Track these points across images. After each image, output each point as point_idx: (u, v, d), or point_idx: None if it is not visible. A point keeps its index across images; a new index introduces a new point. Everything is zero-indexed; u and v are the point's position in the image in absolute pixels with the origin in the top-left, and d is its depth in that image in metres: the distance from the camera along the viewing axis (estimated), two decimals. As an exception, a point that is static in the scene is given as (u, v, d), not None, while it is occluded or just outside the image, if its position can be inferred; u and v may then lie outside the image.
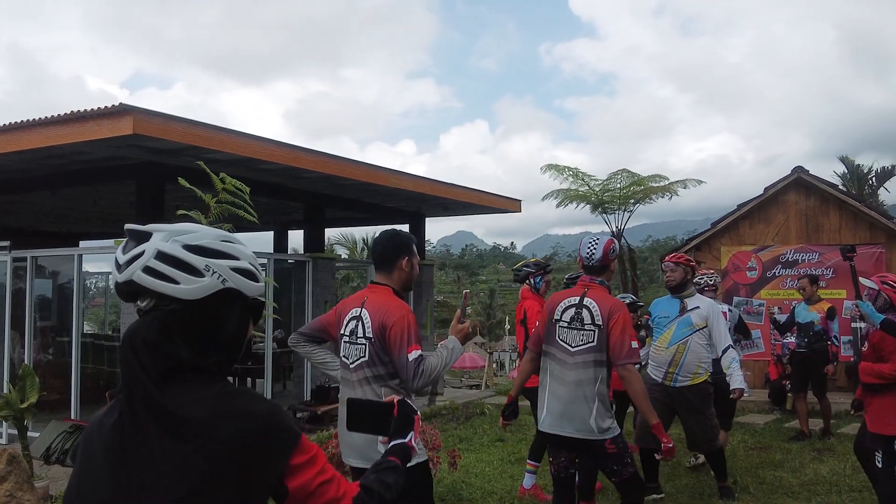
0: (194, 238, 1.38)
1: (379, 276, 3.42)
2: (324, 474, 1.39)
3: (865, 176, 28.91)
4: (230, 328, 1.41)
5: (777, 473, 6.68)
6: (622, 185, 15.51)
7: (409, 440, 1.74)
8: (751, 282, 11.14)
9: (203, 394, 1.30)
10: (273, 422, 1.31)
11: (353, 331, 3.34)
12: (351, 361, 3.33)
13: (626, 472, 3.90)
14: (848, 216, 11.09)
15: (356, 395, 3.21)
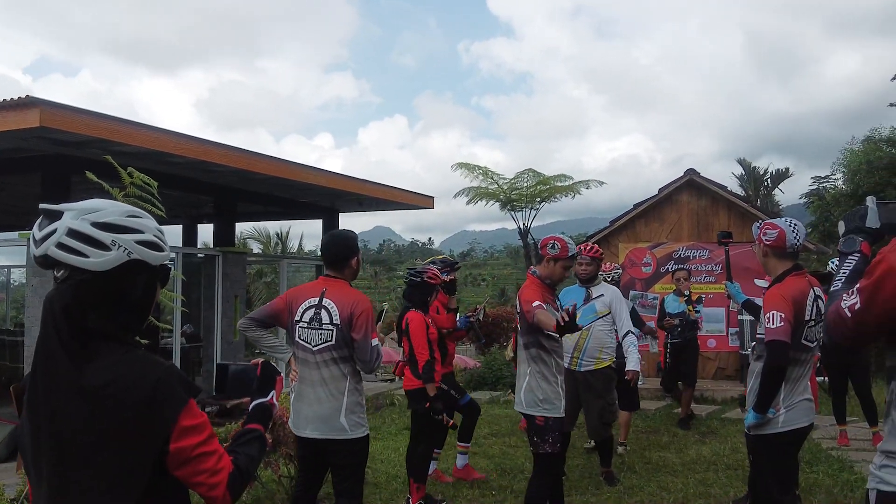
0: (101, 215, 1.58)
1: (331, 271, 3.94)
2: (206, 446, 1.57)
3: (762, 177, 30.67)
4: (137, 294, 1.62)
5: (662, 454, 7.22)
6: (529, 185, 16.10)
7: (271, 398, 1.94)
8: (646, 277, 11.80)
9: (108, 360, 1.51)
10: (162, 387, 1.52)
11: (315, 318, 3.81)
12: (314, 345, 3.79)
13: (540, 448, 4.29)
14: (736, 216, 11.89)
15: (320, 376, 3.72)
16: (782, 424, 3.62)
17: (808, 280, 3.70)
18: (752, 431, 3.70)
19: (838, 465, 6.53)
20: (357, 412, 3.79)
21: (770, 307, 3.57)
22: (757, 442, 3.72)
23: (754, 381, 3.69)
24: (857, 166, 28.34)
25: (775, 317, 3.52)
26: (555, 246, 4.42)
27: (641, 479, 6.26)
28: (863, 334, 1.82)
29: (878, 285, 1.72)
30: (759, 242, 3.77)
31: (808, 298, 3.61)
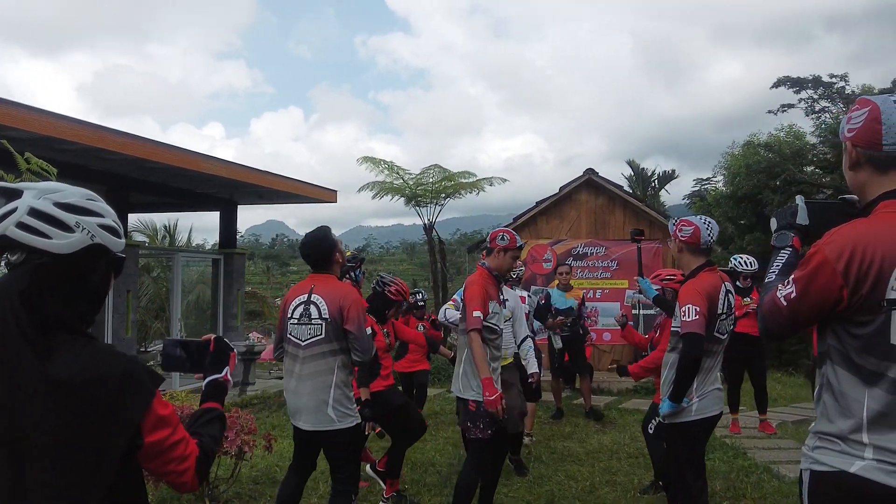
0: (64, 196, 1.50)
1: (318, 270, 4.09)
2: (176, 434, 1.55)
3: (649, 178, 32.05)
4: (96, 281, 1.54)
5: (566, 444, 7.43)
6: (434, 180, 16.15)
7: (225, 374, 1.88)
8: (546, 272, 12.10)
9: (71, 352, 1.42)
10: (131, 379, 1.46)
11: (304, 314, 3.96)
12: (303, 340, 3.95)
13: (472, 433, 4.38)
14: (631, 214, 12.37)
15: (308, 370, 3.85)
16: (695, 413, 3.80)
17: (719, 275, 3.89)
18: (668, 420, 3.85)
19: (733, 452, 6.92)
20: (345, 404, 3.93)
21: (685, 301, 3.73)
22: (672, 430, 3.89)
23: (669, 372, 3.85)
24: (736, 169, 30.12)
25: (691, 310, 3.69)
26: (504, 237, 4.54)
27: (549, 469, 6.42)
28: (796, 323, 1.92)
29: (813, 276, 1.83)
30: (675, 238, 3.94)
31: (720, 293, 3.80)
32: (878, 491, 1.76)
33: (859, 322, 1.81)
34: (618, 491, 5.71)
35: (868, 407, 1.80)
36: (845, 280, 1.77)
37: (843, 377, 1.85)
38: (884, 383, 1.78)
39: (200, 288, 17.64)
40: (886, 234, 1.78)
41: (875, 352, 1.79)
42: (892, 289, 1.75)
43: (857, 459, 1.81)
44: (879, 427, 1.79)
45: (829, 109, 31.13)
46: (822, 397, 1.93)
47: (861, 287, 1.77)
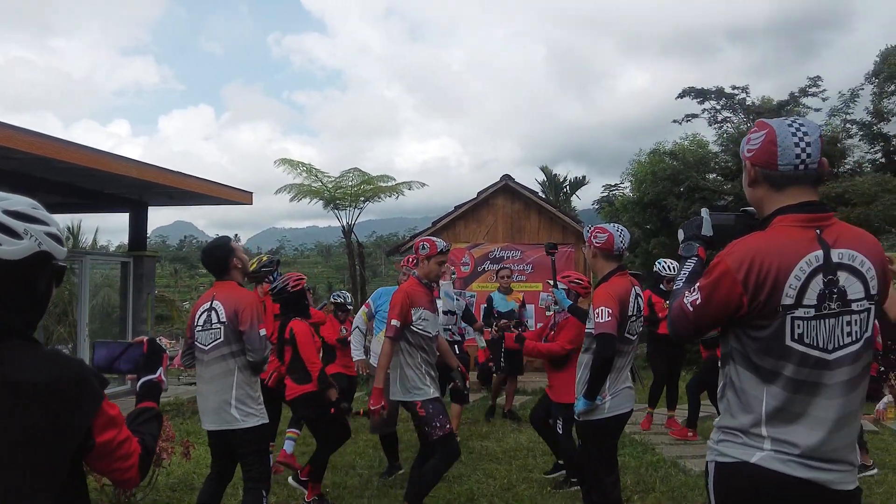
0: (11, 204, 1.53)
1: (220, 278, 4.23)
2: (122, 434, 1.61)
3: (561, 184, 32.87)
4: (42, 288, 1.58)
5: (484, 443, 7.61)
6: (353, 183, 16.17)
7: (159, 375, 1.95)
8: (464, 276, 12.31)
9: (24, 357, 1.46)
10: (83, 383, 1.50)
11: (207, 320, 4.15)
12: (206, 344, 4.14)
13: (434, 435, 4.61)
14: (546, 220, 12.73)
15: (212, 372, 3.99)
16: (608, 410, 4.01)
17: (629, 280, 4.13)
18: (582, 417, 4.05)
19: (642, 447, 7.25)
20: (248, 403, 4.06)
21: (599, 303, 3.94)
22: (586, 427, 4.09)
23: (584, 372, 4.05)
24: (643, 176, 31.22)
25: (603, 312, 3.90)
26: (424, 246, 4.75)
27: (467, 469, 6.57)
28: (701, 327, 2.10)
29: (716, 284, 2.00)
30: (590, 244, 4.15)
31: (630, 296, 4.03)
32: (775, 479, 1.94)
33: (758, 326, 1.97)
34: (534, 487, 5.91)
35: (766, 403, 1.97)
36: (745, 288, 1.94)
37: (744, 376, 2.02)
38: (780, 381, 1.96)
39: (106, 291, 17.04)
40: (781, 246, 1.96)
41: (772, 353, 1.96)
42: (786, 296, 1.93)
43: (757, 451, 1.97)
44: (776, 421, 1.96)
45: (730, 120, 32.67)
46: (725, 394, 2.10)
47: (759, 294, 1.94)
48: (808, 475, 1.93)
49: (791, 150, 1.99)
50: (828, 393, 1.96)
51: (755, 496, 1.98)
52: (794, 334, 1.95)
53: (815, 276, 1.95)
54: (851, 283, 1.98)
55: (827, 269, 1.95)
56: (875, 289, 2.01)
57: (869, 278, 2.00)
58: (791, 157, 1.99)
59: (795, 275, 1.94)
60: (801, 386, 1.96)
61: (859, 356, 2.00)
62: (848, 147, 31.82)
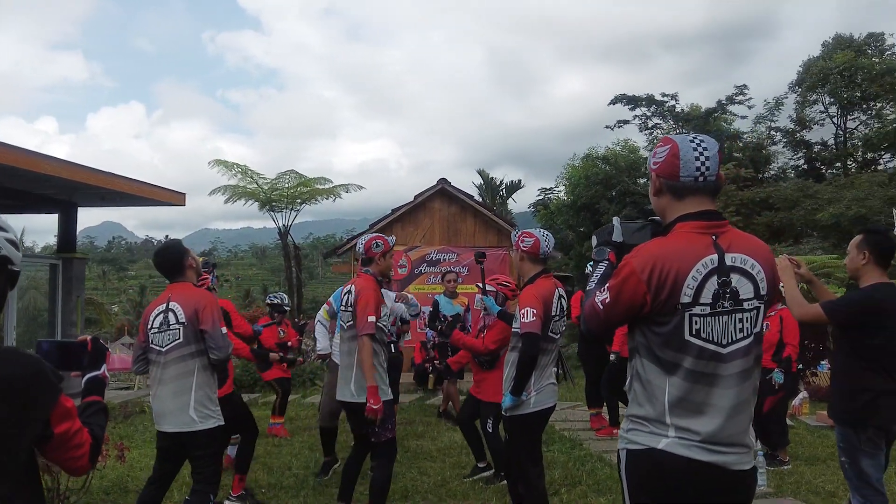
0: None
1: (174, 279, 4.24)
2: (76, 424, 1.73)
3: (498, 187, 33.39)
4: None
5: (419, 442, 7.76)
6: (290, 185, 16.10)
7: (103, 372, 2.06)
8: (401, 278, 12.45)
9: None
10: (41, 377, 1.60)
11: (164, 322, 4.13)
12: (164, 346, 4.11)
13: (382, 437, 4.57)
14: (481, 223, 12.98)
15: (170, 374, 3.99)
16: (533, 405, 4.22)
17: (553, 282, 4.35)
18: (509, 413, 4.25)
19: (570, 443, 7.53)
20: (206, 405, 4.08)
21: (524, 304, 4.15)
22: (513, 422, 4.28)
23: (510, 370, 4.24)
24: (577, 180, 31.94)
25: (529, 312, 4.11)
26: (378, 244, 4.74)
27: (403, 467, 6.70)
28: (610, 323, 2.30)
29: (623, 284, 2.20)
30: (517, 248, 4.37)
31: (554, 297, 4.25)
32: (680, 463, 2.14)
33: (660, 322, 2.17)
34: (466, 484, 6.09)
35: (669, 392, 2.18)
36: (648, 287, 2.14)
37: (649, 368, 2.22)
38: (680, 372, 2.16)
39: (32, 294, 16.55)
40: (681, 250, 2.17)
41: (673, 346, 2.17)
42: (685, 295, 2.14)
43: (662, 437, 2.17)
44: (678, 409, 2.17)
45: (660, 126, 33.76)
46: (633, 386, 2.30)
47: (661, 293, 2.14)
48: (709, 458, 2.13)
49: (692, 164, 2.19)
50: (723, 383, 2.17)
51: (662, 479, 2.17)
52: (691, 330, 2.15)
53: (710, 277, 2.16)
54: (743, 284, 2.19)
55: (721, 271, 2.17)
56: (764, 290, 2.24)
57: (759, 280, 2.22)
58: (691, 170, 2.19)
59: (693, 276, 2.14)
60: (700, 377, 2.16)
61: (750, 349, 2.21)
62: (772, 153, 33.28)
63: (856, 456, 3.86)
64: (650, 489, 2.21)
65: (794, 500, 5.56)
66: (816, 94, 29.98)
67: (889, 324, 3.85)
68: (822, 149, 31.79)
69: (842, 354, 4.05)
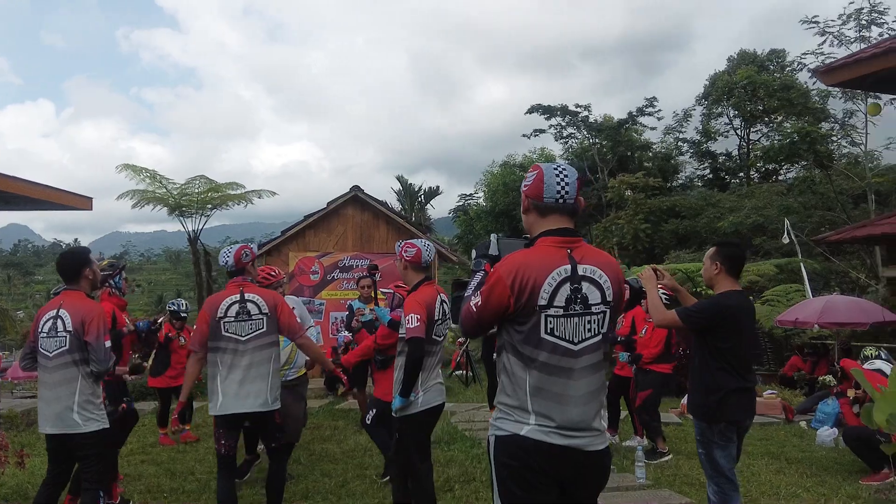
0: None
1: (70, 286, 4.38)
2: None
3: (416, 193, 33.70)
4: None
5: (325, 446, 7.94)
6: (200, 191, 15.94)
7: None
8: (313, 284, 12.57)
9: None
10: None
11: (52, 327, 4.26)
12: (51, 351, 4.25)
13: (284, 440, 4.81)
14: (394, 229, 13.22)
15: (55, 378, 4.14)
16: (422, 404, 4.48)
17: (435, 288, 4.65)
18: (399, 413, 4.50)
19: (470, 442, 7.84)
20: (90, 409, 4.21)
21: (409, 311, 4.42)
22: (403, 422, 4.53)
23: (399, 373, 4.50)
24: (495, 187, 32.59)
25: (413, 318, 4.38)
26: (247, 254, 4.84)
27: (306, 469, 6.88)
28: (482, 323, 2.64)
29: (492, 289, 2.55)
30: (401, 258, 4.65)
31: (436, 302, 4.54)
32: (541, 447, 2.50)
33: (521, 322, 2.54)
34: (366, 483, 6.31)
35: (529, 384, 2.54)
36: (512, 292, 2.50)
37: (513, 362, 2.58)
38: (538, 366, 2.53)
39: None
40: (540, 260, 2.55)
41: (531, 342, 2.53)
42: (541, 298, 2.51)
43: (525, 425, 2.53)
44: (538, 399, 2.53)
45: (574, 136, 34.78)
46: (501, 378, 2.65)
47: (522, 297, 2.51)
48: (565, 442, 2.51)
49: (554, 188, 2.60)
50: (575, 375, 2.55)
51: (525, 462, 2.52)
52: (547, 328, 2.52)
53: (563, 284, 2.54)
54: (592, 291, 2.59)
55: (573, 279, 2.55)
56: (610, 297, 2.63)
57: (606, 288, 2.62)
58: (553, 193, 2.59)
59: (549, 282, 2.52)
60: (555, 370, 2.53)
61: (598, 347, 2.59)
62: (680, 163, 34.74)
63: (710, 448, 4.29)
64: (512, 466, 2.54)
65: (670, 491, 6.00)
66: (721, 107, 31.47)
67: (738, 328, 4.29)
68: (727, 159, 33.38)
69: (698, 356, 4.48)
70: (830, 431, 8.01)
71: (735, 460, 4.34)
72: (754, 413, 4.54)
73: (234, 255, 4.78)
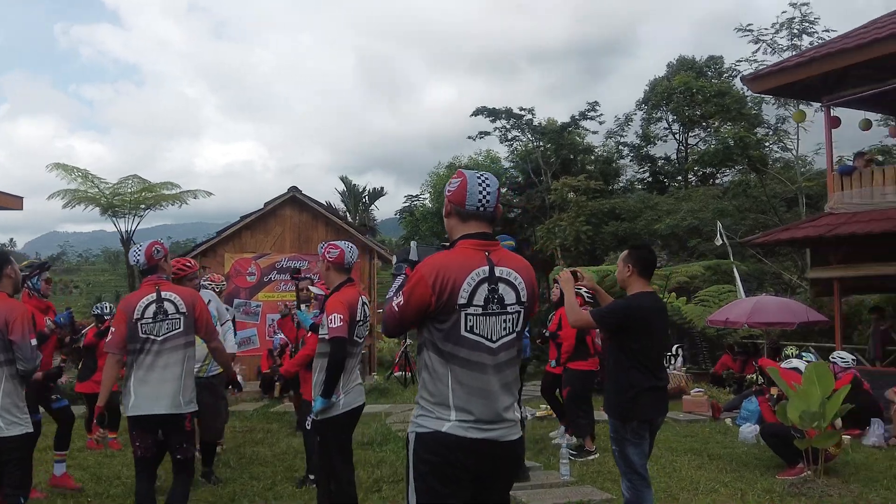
0: None
1: None
2: None
3: (361, 194, 33.56)
4: None
5: (256, 449, 7.88)
6: (133, 191, 15.61)
7: None
8: (250, 286, 12.44)
9: None
10: None
11: None
12: None
13: (191, 452, 4.58)
14: (333, 231, 13.18)
15: None
16: (343, 406, 4.48)
17: (357, 289, 4.68)
18: (320, 416, 4.49)
19: (402, 443, 7.85)
20: (13, 412, 4.10)
21: (331, 311, 4.43)
22: (324, 424, 4.53)
23: (319, 374, 4.49)
24: (441, 188, 32.61)
25: (336, 318, 4.39)
26: (159, 250, 4.66)
27: (235, 472, 6.83)
28: (406, 322, 2.73)
29: (413, 288, 2.65)
30: (324, 259, 4.66)
31: (358, 304, 4.56)
32: (462, 442, 2.60)
33: (442, 320, 2.65)
34: (294, 485, 6.28)
35: (451, 380, 2.64)
36: (433, 291, 2.61)
37: (434, 359, 2.68)
38: (458, 361, 2.64)
39: None
40: (459, 261, 2.68)
41: (451, 340, 2.64)
42: (461, 297, 2.63)
43: (445, 421, 2.63)
44: (458, 395, 2.63)
45: (519, 138, 35.06)
46: (422, 375, 2.74)
47: (443, 296, 2.62)
48: (483, 436, 2.63)
49: (476, 195, 2.73)
50: (492, 371, 2.68)
51: (446, 458, 2.61)
52: (467, 326, 2.64)
53: (482, 284, 2.67)
54: (508, 292, 2.73)
55: (491, 280, 2.69)
56: (524, 297, 2.78)
57: (520, 290, 2.76)
58: (475, 200, 2.73)
59: (468, 282, 2.64)
60: (474, 365, 2.65)
61: (513, 344, 2.75)
62: (621, 167, 35.35)
63: (623, 445, 4.42)
64: (432, 462, 2.62)
65: (593, 487, 6.14)
66: (661, 111, 32.13)
67: (649, 328, 4.43)
68: (666, 163, 34.09)
69: (611, 356, 4.61)
70: (752, 428, 8.27)
71: (647, 456, 4.49)
72: (666, 411, 4.70)
73: (145, 253, 4.59)
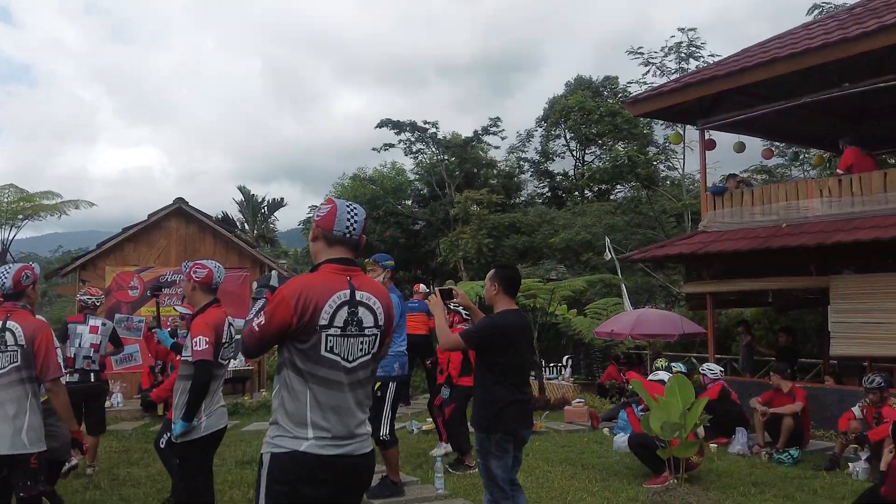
0: None
1: None
2: None
3: (260, 204, 32.94)
4: None
5: (130, 470, 7.62)
6: (10, 200, 14.81)
7: None
8: (132, 300, 12.03)
9: None
10: None
11: None
12: None
13: (36, 489, 4.18)
14: (222, 244, 12.92)
15: None
16: (205, 429, 4.41)
17: (223, 311, 4.61)
18: (180, 440, 4.39)
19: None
20: None
21: (196, 333, 4.35)
22: (185, 447, 4.43)
23: (181, 397, 4.39)
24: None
25: (201, 341, 4.31)
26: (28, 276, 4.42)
27: (104, 494, 6.59)
28: (265, 341, 2.76)
29: (275, 308, 2.70)
30: (189, 279, 4.58)
31: (224, 325, 4.50)
32: (319, 460, 2.67)
33: (303, 340, 2.71)
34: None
35: (309, 398, 2.72)
36: (295, 311, 2.68)
37: (294, 379, 2.74)
38: (317, 380, 2.72)
39: None
40: (322, 284, 2.77)
41: (311, 359, 2.72)
42: (322, 318, 2.71)
43: (304, 441, 2.69)
44: (316, 412, 2.71)
45: (423, 151, 35.33)
46: (280, 394, 2.78)
47: (304, 316, 2.69)
48: (340, 451, 2.72)
49: (343, 223, 2.87)
50: (348, 389, 2.78)
51: (305, 476, 2.67)
52: (326, 346, 2.74)
53: (342, 307, 2.78)
54: (367, 315, 2.86)
55: (351, 303, 2.80)
56: (381, 321, 2.91)
57: (378, 314, 2.90)
58: (342, 227, 2.87)
59: (329, 304, 2.74)
60: (332, 384, 2.73)
61: (368, 364, 2.87)
62: (522, 181, 36.18)
63: (487, 458, 4.55)
64: (289, 482, 2.66)
65: (465, 500, 6.24)
66: (559, 129, 33.13)
67: (513, 345, 4.59)
68: (564, 179, 35.12)
69: (479, 371, 4.75)
70: (626, 438, 8.61)
71: (511, 470, 4.62)
72: (531, 424, 4.87)
73: (13, 277, 4.35)
